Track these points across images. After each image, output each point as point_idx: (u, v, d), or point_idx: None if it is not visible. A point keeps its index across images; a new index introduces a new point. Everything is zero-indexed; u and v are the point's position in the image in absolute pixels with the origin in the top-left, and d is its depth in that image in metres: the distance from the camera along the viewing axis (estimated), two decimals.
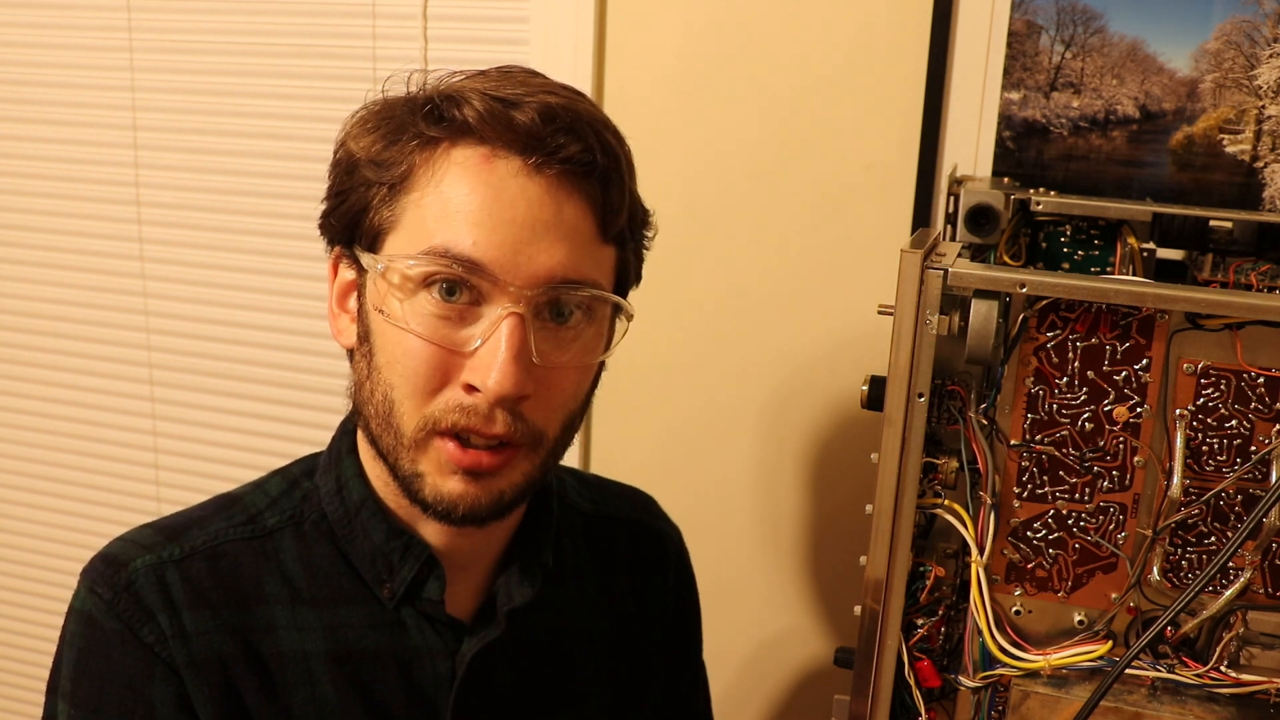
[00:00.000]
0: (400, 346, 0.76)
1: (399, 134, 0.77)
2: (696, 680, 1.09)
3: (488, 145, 0.75)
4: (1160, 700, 0.79)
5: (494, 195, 0.74)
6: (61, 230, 1.72)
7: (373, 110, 0.80)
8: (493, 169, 0.75)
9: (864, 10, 1.27)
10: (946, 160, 1.25)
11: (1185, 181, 1.20)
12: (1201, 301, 0.75)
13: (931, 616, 0.84)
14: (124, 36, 1.61)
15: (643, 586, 1.00)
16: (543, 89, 0.77)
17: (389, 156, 0.77)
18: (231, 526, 0.84)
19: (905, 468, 0.79)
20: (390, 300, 0.76)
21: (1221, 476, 0.78)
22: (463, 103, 0.75)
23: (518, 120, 0.74)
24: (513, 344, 0.73)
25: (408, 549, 0.83)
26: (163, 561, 0.81)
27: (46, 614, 1.90)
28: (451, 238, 0.74)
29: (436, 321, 0.75)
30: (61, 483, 1.83)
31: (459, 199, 0.75)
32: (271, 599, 0.82)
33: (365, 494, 0.84)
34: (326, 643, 0.82)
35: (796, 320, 1.36)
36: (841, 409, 1.37)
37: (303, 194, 1.57)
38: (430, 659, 0.84)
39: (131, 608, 0.79)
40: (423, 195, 0.76)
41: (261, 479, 0.89)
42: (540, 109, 0.74)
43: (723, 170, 1.35)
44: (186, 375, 1.70)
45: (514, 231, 0.74)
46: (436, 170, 0.76)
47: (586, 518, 0.99)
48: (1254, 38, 1.15)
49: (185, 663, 0.78)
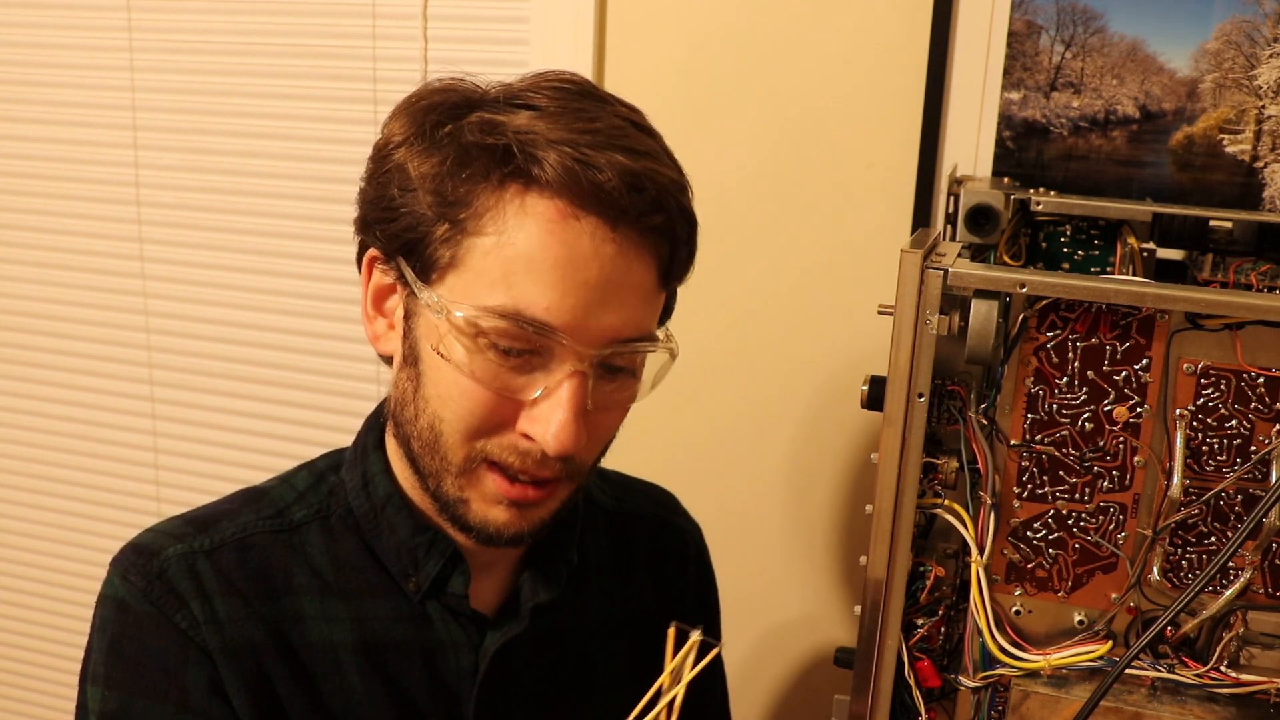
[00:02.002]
0: (456, 386, 0.75)
1: (463, 166, 0.74)
2: (715, 674, 1.09)
3: (564, 201, 0.72)
4: (1160, 700, 0.79)
5: (569, 256, 0.72)
6: (61, 230, 1.72)
7: (428, 119, 0.76)
8: (569, 228, 0.72)
9: (864, 11, 1.27)
10: (946, 160, 1.25)
11: (1185, 181, 1.20)
12: (1201, 301, 0.75)
13: (931, 616, 0.84)
14: (124, 36, 1.61)
15: (663, 582, 1.01)
16: (618, 141, 0.73)
17: (453, 191, 0.74)
18: (260, 519, 0.85)
19: (905, 468, 0.79)
20: (450, 343, 0.74)
21: (1221, 476, 0.78)
22: (540, 158, 0.72)
23: (602, 186, 0.72)
24: (576, 404, 0.73)
25: (433, 544, 0.83)
26: (194, 551, 0.82)
27: (47, 614, 1.91)
28: (524, 298, 0.72)
29: (497, 369, 0.74)
30: (61, 483, 1.83)
31: (532, 254, 0.72)
32: (300, 590, 0.83)
33: (391, 489, 0.85)
34: (354, 634, 0.83)
35: (796, 320, 1.36)
36: (841, 409, 1.37)
37: (303, 194, 1.57)
38: (454, 652, 0.85)
39: (164, 594, 0.79)
40: (491, 241, 0.73)
41: (288, 473, 0.90)
42: (623, 175, 0.72)
43: (722, 170, 1.35)
44: (186, 375, 1.70)
45: (586, 294, 0.73)
46: (508, 217, 0.73)
47: (609, 514, 1.00)
48: (1254, 38, 1.15)
49: (218, 648, 0.79)
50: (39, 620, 1.91)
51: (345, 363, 1.61)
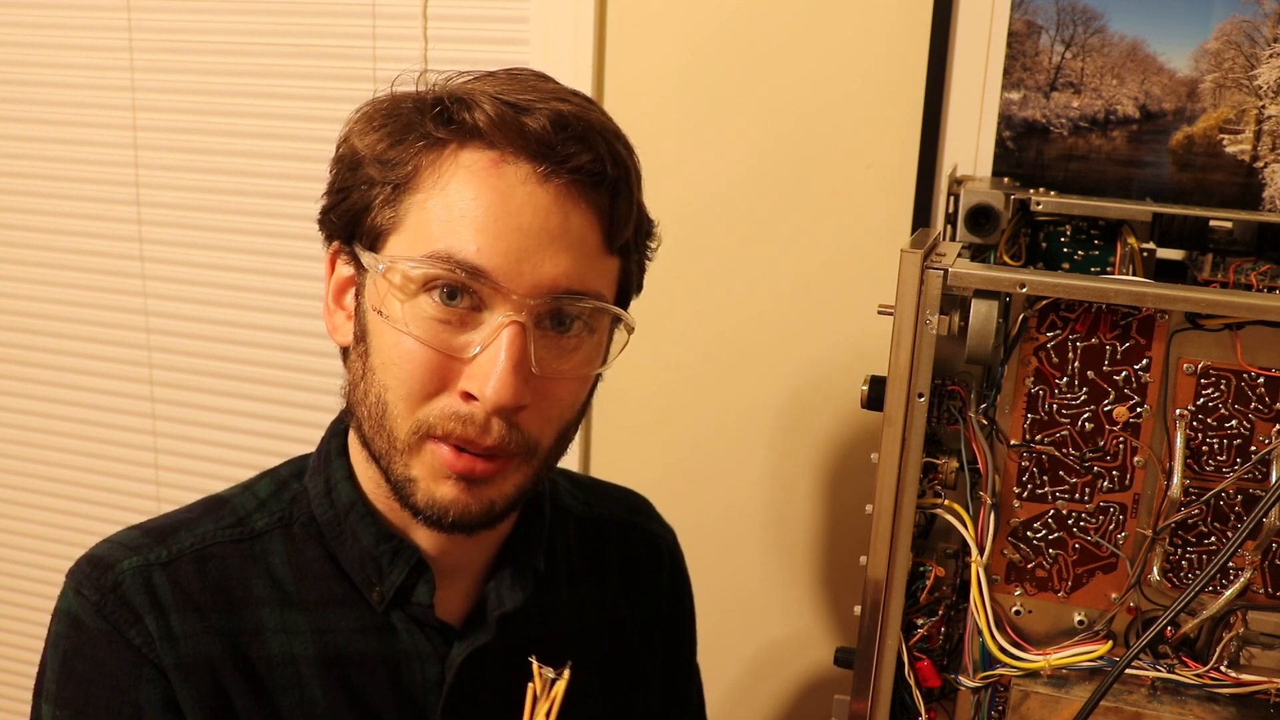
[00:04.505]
0: (398, 349, 0.75)
1: (405, 133, 0.76)
2: (690, 683, 1.09)
3: (497, 150, 0.74)
4: (1160, 700, 0.79)
5: (501, 201, 0.73)
6: (61, 230, 1.72)
7: (379, 107, 0.79)
8: (501, 174, 0.74)
9: (864, 11, 1.27)
10: (946, 160, 1.25)
11: (1185, 181, 1.20)
12: (1201, 301, 0.75)
13: (931, 616, 0.84)
14: (124, 36, 1.61)
15: (635, 589, 1.00)
16: (554, 95, 0.76)
17: (394, 156, 0.76)
18: (220, 529, 0.83)
19: (905, 468, 0.79)
20: (389, 301, 0.75)
21: (1221, 476, 0.78)
22: (473, 106, 0.74)
23: (529, 126, 0.73)
24: (513, 353, 0.73)
25: (397, 552, 0.82)
26: (150, 564, 0.80)
27: (47, 614, 1.89)
28: (455, 243, 0.73)
29: (436, 325, 0.74)
30: (61, 483, 1.83)
31: (465, 203, 0.74)
32: (259, 602, 0.81)
33: (354, 497, 0.83)
34: (315, 646, 0.81)
35: (796, 320, 1.36)
36: (841, 409, 1.37)
37: (303, 194, 1.57)
38: (420, 663, 0.83)
39: (118, 609, 0.78)
40: (428, 197, 0.75)
41: (250, 480, 0.88)
42: (552, 116, 0.73)
43: (722, 170, 1.35)
44: (186, 375, 1.70)
45: (519, 239, 0.73)
46: (443, 172, 0.75)
47: (579, 520, 0.99)
48: (1254, 38, 1.15)
49: (173, 665, 0.78)
50: (39, 620, 1.91)
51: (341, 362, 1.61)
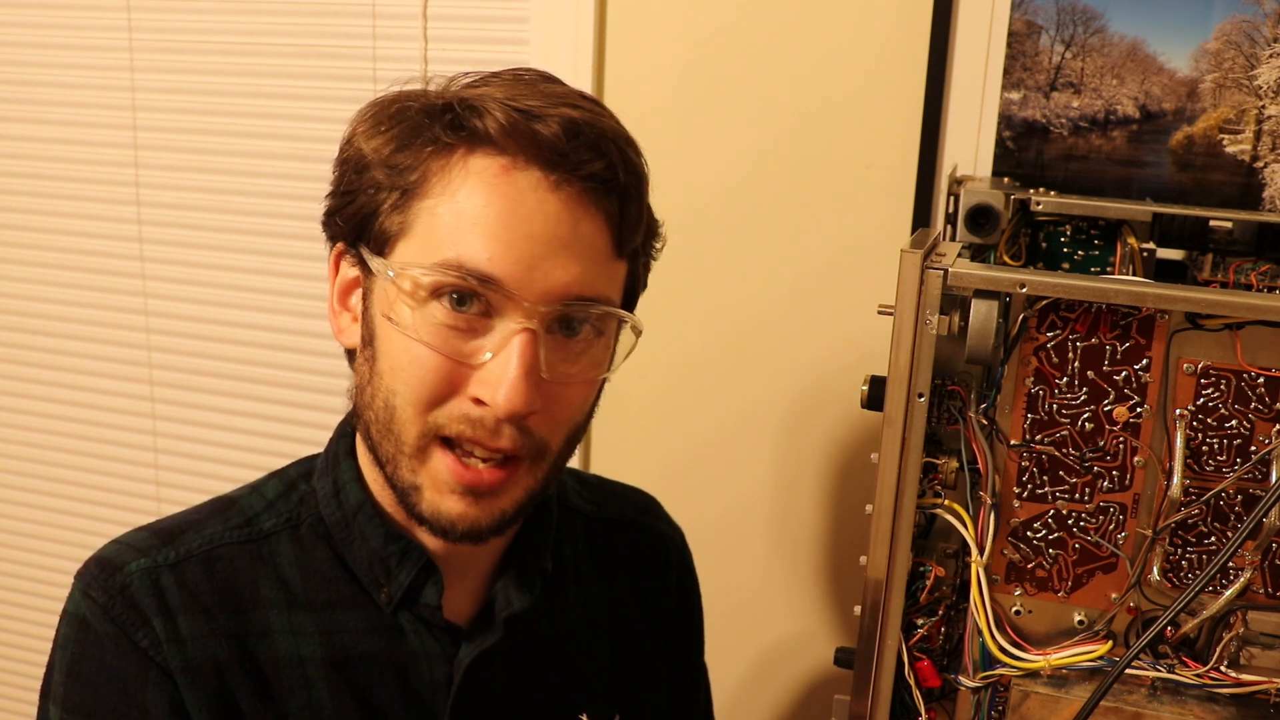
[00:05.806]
0: (407, 354, 0.75)
1: (413, 137, 0.75)
2: (698, 682, 1.08)
3: (507, 156, 0.73)
4: (1160, 700, 0.79)
5: (511, 208, 0.73)
6: (61, 230, 1.72)
7: (385, 109, 0.79)
8: (512, 181, 0.73)
9: (864, 11, 1.27)
10: (946, 160, 1.25)
11: (1185, 181, 1.20)
12: (1201, 301, 0.75)
13: (931, 616, 0.84)
14: (124, 36, 1.61)
15: (643, 589, 1.00)
16: (564, 100, 0.75)
17: (402, 160, 0.75)
18: (227, 530, 0.83)
19: (905, 468, 0.79)
20: (399, 307, 0.75)
21: (1221, 476, 0.78)
22: (484, 112, 0.73)
23: (541, 134, 0.72)
24: (524, 361, 0.72)
25: (405, 554, 0.82)
26: (158, 565, 0.80)
27: (47, 614, 1.90)
28: (466, 251, 0.73)
29: (446, 331, 0.74)
30: (61, 483, 1.83)
31: (475, 210, 0.73)
32: (267, 603, 0.81)
33: (362, 498, 0.83)
34: (323, 648, 0.81)
35: (796, 320, 1.36)
36: (842, 409, 1.37)
37: (303, 194, 1.57)
38: (428, 664, 0.83)
39: (126, 612, 0.78)
40: (437, 203, 0.74)
41: (258, 481, 0.88)
42: (564, 123, 0.73)
43: (722, 170, 1.35)
44: (186, 375, 1.70)
45: (530, 247, 0.73)
46: (452, 178, 0.74)
47: (587, 520, 0.98)
48: (1254, 38, 1.15)
49: (180, 668, 0.78)
50: (39, 620, 1.91)
51: (346, 363, 1.61)
